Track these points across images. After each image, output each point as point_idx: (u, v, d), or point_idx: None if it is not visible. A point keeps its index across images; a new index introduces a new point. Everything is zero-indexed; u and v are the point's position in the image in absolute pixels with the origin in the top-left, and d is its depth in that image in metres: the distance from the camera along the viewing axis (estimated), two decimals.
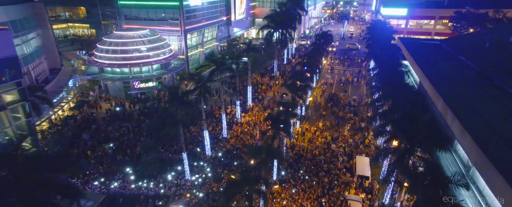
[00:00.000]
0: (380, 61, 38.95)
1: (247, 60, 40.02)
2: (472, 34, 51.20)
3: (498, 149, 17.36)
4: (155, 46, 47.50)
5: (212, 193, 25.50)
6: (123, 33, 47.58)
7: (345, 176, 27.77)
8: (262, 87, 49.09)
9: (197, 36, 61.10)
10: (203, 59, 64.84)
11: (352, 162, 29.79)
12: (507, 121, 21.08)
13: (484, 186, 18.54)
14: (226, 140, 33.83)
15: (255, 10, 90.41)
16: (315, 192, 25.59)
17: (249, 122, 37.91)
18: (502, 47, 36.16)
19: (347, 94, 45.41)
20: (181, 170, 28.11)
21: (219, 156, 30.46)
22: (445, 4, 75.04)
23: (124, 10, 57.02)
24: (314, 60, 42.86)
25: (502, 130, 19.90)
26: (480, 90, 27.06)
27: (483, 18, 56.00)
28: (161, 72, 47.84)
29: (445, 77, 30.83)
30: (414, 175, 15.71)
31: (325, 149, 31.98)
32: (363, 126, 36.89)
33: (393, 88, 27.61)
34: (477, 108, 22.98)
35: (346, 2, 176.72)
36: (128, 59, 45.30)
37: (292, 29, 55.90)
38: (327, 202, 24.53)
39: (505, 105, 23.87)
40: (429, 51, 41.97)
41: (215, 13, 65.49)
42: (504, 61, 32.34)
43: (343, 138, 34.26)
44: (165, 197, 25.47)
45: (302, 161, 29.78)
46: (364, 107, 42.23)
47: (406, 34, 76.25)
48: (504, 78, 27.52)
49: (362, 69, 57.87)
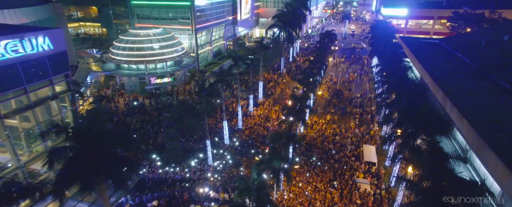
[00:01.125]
0: (383, 58, 41.57)
1: (260, 57, 42.53)
2: (469, 33, 53.97)
3: (491, 133, 19.96)
4: (168, 44, 49.95)
5: (232, 177, 28.05)
6: (139, 32, 49.96)
7: (354, 163, 30.38)
8: (271, 83, 51.63)
9: (206, 35, 63.52)
10: (211, 57, 67.37)
11: (359, 150, 32.40)
12: (500, 110, 23.79)
13: (480, 165, 21.18)
14: (242, 131, 36.40)
15: (259, 10, 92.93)
16: (327, 176, 28.20)
17: (260, 115, 40.48)
18: (497, 46, 38.88)
19: (351, 92, 47.83)
20: (203, 157, 30.62)
21: (237, 145, 33.01)
22: (443, 5, 77.88)
23: (137, 10, 59.32)
24: (321, 57, 45.45)
25: (495, 117, 22.61)
26: (476, 84, 29.80)
27: (480, 18, 58.75)
28: (175, 69, 50.29)
29: (444, 72, 33.52)
30: (419, 152, 18.28)
31: (334, 139, 34.57)
32: (368, 119, 39.50)
33: (397, 81, 30.22)
34: (473, 99, 25.66)
35: (346, 2, 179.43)
36: (144, 56, 47.70)
37: (299, 28, 58.42)
38: (338, 184, 27.12)
39: (498, 97, 26.60)
40: (429, 49, 44.68)
41: (222, 12, 67.94)
42: (499, 58, 35.04)
43: (350, 130, 36.85)
44: (191, 181, 27.97)
45: (313, 150, 32.38)
46: (368, 102, 44.83)
47: (406, 33, 78.89)
48: (498, 74, 30.22)
49: (365, 67, 60.46)
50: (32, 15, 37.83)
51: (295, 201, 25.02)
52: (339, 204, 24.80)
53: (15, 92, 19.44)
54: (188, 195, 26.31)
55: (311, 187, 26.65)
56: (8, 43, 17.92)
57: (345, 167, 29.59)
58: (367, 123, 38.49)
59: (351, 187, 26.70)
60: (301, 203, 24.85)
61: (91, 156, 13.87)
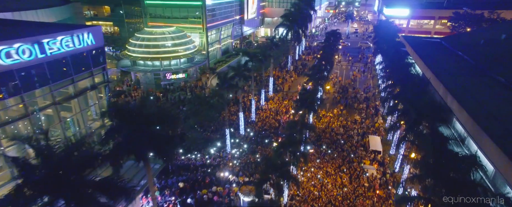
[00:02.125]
0: (387, 55, 44.01)
1: (271, 54, 45.00)
2: (469, 33, 56.39)
3: (487, 121, 22.37)
4: (182, 42, 52.44)
5: (249, 163, 30.54)
6: (153, 30, 52.47)
7: (361, 152, 32.84)
8: (279, 80, 54.11)
9: (215, 34, 66.01)
10: (220, 55, 69.89)
11: (365, 140, 34.87)
12: (495, 101, 26.23)
13: (476, 149, 23.58)
14: (255, 123, 38.90)
15: (265, 9, 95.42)
16: (336, 163, 30.69)
17: (271, 109, 42.97)
18: (495, 44, 41.29)
19: (355, 90, 50.21)
20: (221, 146, 33.11)
21: (251, 135, 35.51)
22: (444, 5, 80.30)
23: (150, 9, 61.79)
24: (328, 54, 47.93)
25: (491, 107, 25.02)
26: (474, 79, 32.24)
27: (479, 18, 61.14)
28: (188, 65, 52.80)
29: (445, 68, 35.93)
30: (422, 135, 20.72)
31: (341, 131, 37.04)
32: (372, 112, 41.98)
33: (400, 76, 32.68)
34: (472, 93, 28.08)
35: (348, 2, 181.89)
36: (159, 53, 50.20)
37: (305, 27, 60.88)
38: (347, 169, 29.60)
39: (494, 90, 29.04)
40: (431, 48, 47.10)
41: (231, 12, 70.45)
42: (496, 56, 37.45)
43: (356, 122, 39.31)
44: (211, 166, 30.46)
45: (323, 139, 34.87)
46: (372, 97, 47.28)
47: (408, 33, 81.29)
48: (495, 70, 32.65)
49: (369, 64, 62.87)
50: (58, 15, 40.38)
51: (309, 183, 27.51)
52: (349, 186, 27.27)
53: (65, 81, 21.93)
54: (210, 179, 28.79)
55: (322, 172, 29.13)
56: (63, 39, 20.41)
57: (352, 156, 32.06)
58: (371, 116, 40.93)
59: (359, 173, 29.17)
60: (314, 185, 27.33)
61: (143, 133, 16.32)
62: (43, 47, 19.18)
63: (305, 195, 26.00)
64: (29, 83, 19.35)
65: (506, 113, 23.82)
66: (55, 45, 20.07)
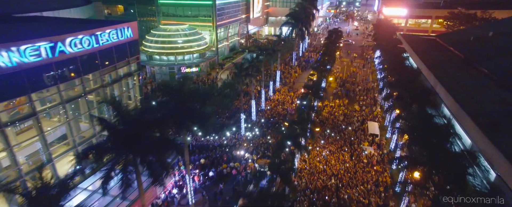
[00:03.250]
0: (385, 50, 47.98)
1: (279, 49, 49.00)
2: (462, 31, 60.34)
3: (471, 105, 26.23)
4: (194, 38, 56.45)
5: (261, 144, 34.51)
6: (168, 27, 56.45)
7: (360, 134, 36.79)
8: (285, 74, 58.10)
9: (223, 32, 69.96)
10: (227, 52, 73.84)
11: (365, 126, 38.82)
12: (478, 89, 30.13)
13: (460, 130, 27.50)
14: (264, 111, 42.91)
15: (269, 9, 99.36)
16: (338, 143, 34.65)
17: (278, 99, 46.97)
18: (483, 40, 45.19)
19: (354, 86, 54.14)
20: (235, 130, 37.08)
21: (262, 121, 39.50)
22: (441, 5, 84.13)
23: (163, 8, 65.76)
24: (330, 50, 51.90)
25: (473, 93, 28.92)
26: (461, 70, 36.15)
27: (472, 17, 64.98)
28: (200, 60, 56.81)
29: (436, 61, 39.88)
30: (413, 113, 24.67)
31: (343, 118, 41.02)
32: (371, 102, 45.95)
33: (396, 67, 36.62)
34: (458, 82, 31.98)
35: (348, 2, 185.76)
36: (174, 48, 54.19)
37: (309, 25, 64.85)
38: (348, 149, 33.58)
39: (478, 80, 32.92)
40: (426, 44, 51.04)
41: (238, 11, 74.41)
42: (482, 50, 41.37)
43: (356, 111, 43.27)
44: (228, 146, 34.44)
45: (326, 124, 38.82)
46: (371, 90, 51.23)
47: (406, 32, 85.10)
48: (480, 62, 36.56)
49: (369, 59, 66.79)
50: (85, 13, 44.33)
51: (315, 160, 31.50)
52: (350, 162, 31.24)
53: (109, 68, 25.89)
54: (227, 156, 32.76)
55: (326, 151, 33.12)
56: (111, 31, 24.39)
57: (353, 138, 36.01)
58: (370, 106, 44.88)
59: (358, 152, 33.13)
60: (320, 161, 31.31)
61: (185, 106, 20.27)
62: (97, 38, 23.13)
63: (312, 169, 29.99)
64: (87, 68, 23.31)
65: (485, 97, 27.75)
66: (105, 37, 24.02)
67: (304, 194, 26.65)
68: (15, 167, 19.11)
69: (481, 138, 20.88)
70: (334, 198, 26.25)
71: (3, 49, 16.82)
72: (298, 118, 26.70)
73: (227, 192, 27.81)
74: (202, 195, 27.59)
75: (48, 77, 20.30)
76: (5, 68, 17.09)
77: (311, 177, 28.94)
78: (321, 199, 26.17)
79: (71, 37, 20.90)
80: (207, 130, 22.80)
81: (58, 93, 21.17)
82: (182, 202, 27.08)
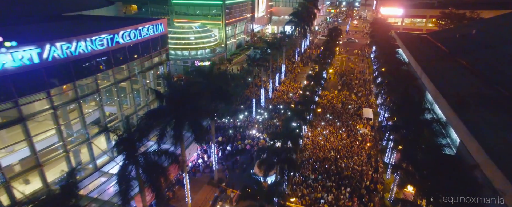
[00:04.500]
0: (380, 45, 53.27)
1: (285, 45, 54.33)
2: (451, 29, 65.65)
3: (446, 88, 31.46)
4: (206, 35, 61.77)
5: (270, 126, 39.82)
6: (182, 25, 61.76)
7: (356, 118, 42.11)
8: (289, 68, 63.46)
9: (231, 29, 75.26)
10: (235, 48, 79.14)
11: (360, 111, 44.13)
12: (457, 77, 35.39)
13: (443, 116, 32.76)
14: (271, 99, 48.27)
15: (272, 8, 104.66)
16: (337, 125, 39.95)
17: (284, 90, 52.29)
18: (467, 37, 50.47)
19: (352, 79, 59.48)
20: (247, 114, 42.39)
21: (270, 107, 44.86)
22: (435, 5, 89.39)
23: (175, 7, 71.08)
24: (330, 46, 57.20)
25: (452, 80, 34.19)
26: (445, 63, 41.41)
27: (462, 17, 70.20)
28: (211, 55, 62.13)
29: (424, 55, 45.16)
30: (396, 92, 29.94)
31: (341, 105, 46.36)
32: (367, 92, 51.27)
33: (388, 60, 41.91)
34: (441, 71, 37.25)
35: (348, 2, 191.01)
36: (188, 44, 59.50)
37: (311, 23, 70.15)
38: (345, 130, 38.87)
39: (457, 70, 38.20)
40: (417, 41, 56.32)
41: (244, 10, 79.74)
42: (464, 46, 46.65)
43: (353, 100, 48.61)
44: (241, 127, 39.75)
45: (326, 110, 44.15)
46: (367, 82, 56.54)
47: (402, 30, 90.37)
48: (461, 55, 41.85)
49: (366, 54, 72.06)
50: (112, 12, 49.62)
51: (317, 137, 36.81)
52: (347, 139, 36.54)
53: (146, 57, 31.15)
54: (241, 135, 38.06)
55: (326, 130, 38.44)
56: (149, 26, 29.66)
57: (350, 122, 41.31)
58: (366, 96, 50.19)
59: (354, 132, 38.43)
60: (321, 139, 36.62)
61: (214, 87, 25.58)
62: (140, 32, 28.36)
63: (314, 144, 35.32)
64: (131, 56, 28.55)
65: (459, 83, 33.05)
66: (145, 31, 29.25)
67: (308, 162, 32.00)
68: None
69: (449, 111, 26.17)
70: (333, 166, 31.56)
71: (82, 39, 22.07)
72: (303, 99, 32.01)
73: (242, 162, 33.15)
74: (222, 164, 32.88)
75: (105, 62, 25.57)
76: (82, 54, 22.34)
77: (314, 150, 34.26)
78: (322, 167, 31.49)
79: (123, 30, 26.17)
80: (230, 104, 27.98)
81: (113, 75, 26.50)
82: (205, 171, 32.38)
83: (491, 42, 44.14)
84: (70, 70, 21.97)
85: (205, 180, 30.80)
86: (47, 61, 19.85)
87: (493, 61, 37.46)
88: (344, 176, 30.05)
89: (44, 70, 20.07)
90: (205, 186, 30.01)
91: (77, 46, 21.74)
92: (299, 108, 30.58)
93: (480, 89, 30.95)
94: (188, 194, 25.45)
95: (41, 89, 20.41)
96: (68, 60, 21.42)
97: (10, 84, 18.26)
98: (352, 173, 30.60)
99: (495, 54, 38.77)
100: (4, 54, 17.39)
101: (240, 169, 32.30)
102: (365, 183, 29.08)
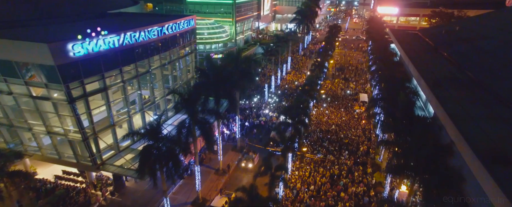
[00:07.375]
0: (375, 40, 60.24)
1: (291, 39, 61.35)
2: (439, 26, 72.65)
3: (426, 73, 38.39)
4: (219, 31, 68.61)
5: (280, 107, 46.78)
6: (198, 21, 68.44)
7: (353, 102, 49.13)
8: (294, 61, 70.45)
9: (239, 26, 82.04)
10: (242, 44, 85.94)
11: (357, 96, 51.14)
12: (438, 66, 42.32)
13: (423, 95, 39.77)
14: (279, 86, 55.28)
15: (276, 7, 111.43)
16: (337, 108, 46.96)
17: (290, 79, 59.29)
18: (451, 33, 57.44)
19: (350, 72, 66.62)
20: (260, 97, 49.38)
21: (279, 93, 51.85)
22: (428, 5, 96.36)
23: (189, 6, 77.83)
24: (330, 41, 64.15)
25: (432, 67, 41.14)
26: (430, 55, 48.37)
27: (450, 15, 77.14)
28: (223, 49, 69.00)
29: (413, 49, 52.12)
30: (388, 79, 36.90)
31: (341, 91, 53.38)
32: (364, 82, 58.30)
33: (381, 52, 48.87)
34: (425, 61, 44.20)
35: (347, 1, 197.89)
36: (203, 38, 66.32)
37: (313, 21, 77.03)
38: (344, 110, 45.87)
39: (439, 61, 45.16)
40: (409, 37, 63.25)
41: (251, 9, 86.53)
42: (448, 40, 53.64)
43: (350, 87, 55.61)
44: (255, 108, 46.68)
45: (328, 95, 51.17)
46: (363, 74, 63.54)
47: (397, 28, 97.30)
48: (443, 49, 48.82)
49: (364, 48, 78.98)
50: (138, 11, 56.37)
51: (319, 116, 43.82)
52: (345, 117, 43.54)
53: (181, 47, 37.98)
54: (256, 114, 45.02)
55: (327, 110, 45.46)
56: (183, 21, 36.50)
57: (349, 105, 48.29)
58: (362, 85, 57.20)
59: (352, 112, 45.43)
60: (323, 116, 43.63)
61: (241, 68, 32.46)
62: (179, 25, 35.21)
63: (318, 120, 42.33)
64: (170, 46, 35.35)
65: (437, 69, 39.99)
66: (181, 25, 36.07)
67: (314, 133, 39.02)
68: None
69: (426, 89, 33.16)
70: (334, 136, 38.54)
71: (142, 31, 28.90)
72: (309, 82, 38.99)
73: (259, 134, 40.14)
74: (241, 134, 39.81)
75: (154, 49, 32.40)
76: (141, 42, 29.15)
77: (318, 125, 41.27)
78: (325, 137, 38.49)
79: (167, 24, 33.03)
80: (252, 84, 34.88)
81: (159, 59, 33.39)
82: (228, 141, 39.31)
83: (469, 37, 51.17)
84: (134, 53, 28.87)
85: (229, 147, 37.77)
86: (121, 46, 26.74)
87: (467, 52, 44.50)
88: (343, 143, 37.06)
89: (120, 52, 26.96)
90: (229, 151, 37.00)
91: (139, 35, 28.61)
92: (306, 89, 37.53)
93: (454, 74, 37.97)
94: (220, 153, 32.42)
95: (116, 66, 27.31)
96: (134, 45, 28.30)
97: (100, 61, 25.16)
98: (349, 141, 37.61)
99: (470, 47, 45.83)
100: (100, 39, 24.28)
101: (257, 139, 39.28)
102: (361, 147, 36.09)
